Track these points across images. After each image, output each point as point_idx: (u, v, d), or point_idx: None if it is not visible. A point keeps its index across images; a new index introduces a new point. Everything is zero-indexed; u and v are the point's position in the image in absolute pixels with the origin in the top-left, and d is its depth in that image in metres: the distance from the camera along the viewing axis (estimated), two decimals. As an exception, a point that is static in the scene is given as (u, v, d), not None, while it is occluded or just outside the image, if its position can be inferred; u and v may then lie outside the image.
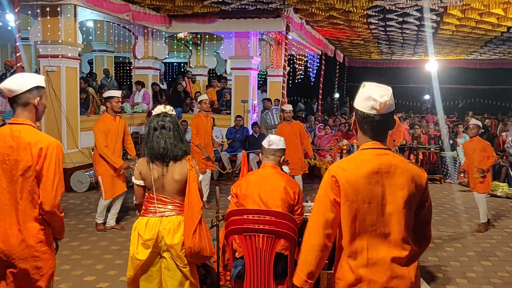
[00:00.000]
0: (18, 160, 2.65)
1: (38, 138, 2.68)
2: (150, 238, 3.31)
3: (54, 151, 2.68)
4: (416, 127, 12.53)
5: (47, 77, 8.90)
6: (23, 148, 2.65)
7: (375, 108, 2.22)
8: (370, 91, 2.26)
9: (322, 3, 9.93)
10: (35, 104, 2.73)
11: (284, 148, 3.90)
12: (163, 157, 3.33)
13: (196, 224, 3.30)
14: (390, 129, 2.33)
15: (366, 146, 2.28)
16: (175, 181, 3.35)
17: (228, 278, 4.03)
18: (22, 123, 2.71)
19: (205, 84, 15.19)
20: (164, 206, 3.38)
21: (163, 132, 3.37)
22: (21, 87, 2.68)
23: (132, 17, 10.02)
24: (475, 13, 10.25)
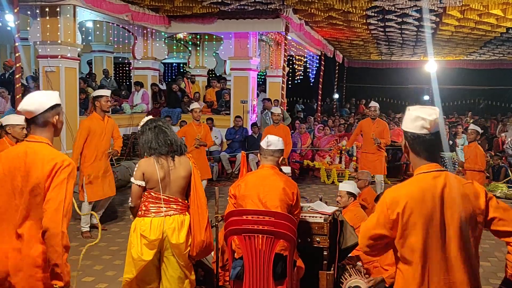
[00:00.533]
0: (28, 178, 2.58)
1: (52, 155, 2.62)
2: (156, 239, 3.38)
3: (67, 169, 2.59)
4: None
5: (46, 78, 8.91)
6: (35, 165, 2.59)
7: (425, 127, 2.25)
8: (417, 112, 2.28)
9: (321, 4, 9.93)
10: (54, 122, 2.73)
11: (282, 148, 3.90)
12: (170, 146, 3.48)
13: (207, 218, 3.49)
14: (442, 149, 2.37)
15: (421, 170, 2.29)
16: (181, 178, 3.47)
17: (227, 278, 4.03)
18: (38, 141, 2.67)
19: (205, 84, 15.20)
20: (168, 205, 3.47)
21: (162, 129, 3.54)
22: (39, 107, 2.66)
23: (131, 17, 10.01)
24: (474, 13, 10.26)
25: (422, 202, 2.20)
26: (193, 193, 3.47)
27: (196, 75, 15.03)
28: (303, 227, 4.01)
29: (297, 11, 10.75)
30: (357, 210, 5.06)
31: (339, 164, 11.29)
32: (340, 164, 11.28)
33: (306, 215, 4.21)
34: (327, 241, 4.13)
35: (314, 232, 4.13)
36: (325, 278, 4.14)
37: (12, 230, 2.61)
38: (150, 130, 3.55)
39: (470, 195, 2.24)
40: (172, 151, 3.51)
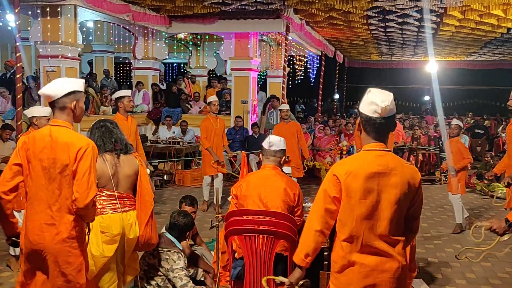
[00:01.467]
0: (56, 159, 2.84)
1: (75, 139, 2.87)
2: (118, 233, 3.51)
3: (90, 152, 2.86)
4: (416, 128, 12.53)
5: (47, 77, 8.92)
6: (61, 148, 2.84)
7: (377, 112, 2.50)
8: (373, 97, 2.52)
9: (322, 4, 9.93)
10: (72, 108, 2.93)
11: (284, 149, 3.90)
12: (115, 144, 3.62)
13: (149, 215, 3.63)
14: (391, 131, 2.60)
15: (369, 147, 2.57)
16: (128, 177, 3.61)
17: (228, 279, 4.03)
18: (60, 125, 2.91)
19: (205, 84, 15.19)
20: (123, 201, 3.60)
21: (108, 128, 3.70)
22: (57, 92, 2.89)
23: (132, 17, 10.01)
24: (475, 14, 10.25)
25: (362, 175, 2.48)
26: (138, 190, 3.62)
27: (196, 75, 15.03)
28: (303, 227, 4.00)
29: (298, 11, 10.75)
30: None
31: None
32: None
33: (307, 215, 4.21)
34: (328, 241, 4.13)
35: (315, 232, 4.13)
36: (326, 278, 4.14)
37: (45, 208, 2.87)
38: (97, 129, 3.70)
39: (409, 174, 2.52)
40: (117, 149, 3.62)
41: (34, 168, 2.89)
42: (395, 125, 2.64)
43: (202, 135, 7.90)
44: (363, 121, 2.57)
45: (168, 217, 4.55)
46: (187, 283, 4.13)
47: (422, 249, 6.27)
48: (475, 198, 9.79)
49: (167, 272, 4.13)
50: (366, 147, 2.58)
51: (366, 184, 2.48)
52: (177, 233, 4.36)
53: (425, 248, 6.38)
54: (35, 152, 2.88)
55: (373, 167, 2.50)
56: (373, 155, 2.54)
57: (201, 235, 5.57)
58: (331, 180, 2.55)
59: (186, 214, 4.48)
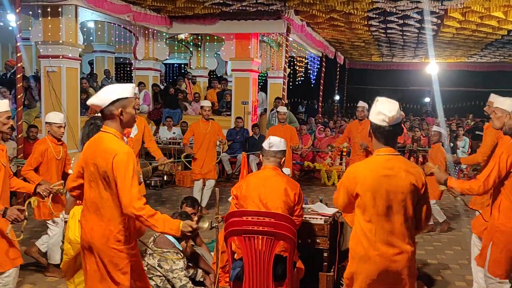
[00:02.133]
0: (97, 164, 2.93)
1: (112, 146, 2.92)
2: None
3: (124, 159, 2.88)
4: (416, 129, 12.53)
5: (47, 78, 8.92)
6: (100, 154, 2.92)
7: (385, 121, 2.79)
8: (380, 107, 2.82)
9: (322, 5, 9.93)
10: (118, 115, 2.97)
11: (285, 149, 3.90)
12: None
13: None
14: (399, 135, 2.93)
15: (379, 152, 2.89)
16: None
17: (227, 279, 4.03)
18: (107, 131, 3.00)
19: (206, 85, 15.20)
20: None
21: (98, 127, 3.73)
22: (103, 102, 2.95)
23: (133, 18, 10.01)
24: (476, 16, 10.25)
25: (371, 178, 2.81)
26: None
27: (197, 76, 15.04)
28: (303, 228, 4.01)
29: (299, 12, 10.75)
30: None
31: (340, 165, 11.28)
32: (341, 165, 11.27)
33: (307, 217, 4.21)
34: (327, 243, 4.14)
35: (315, 234, 4.14)
36: (325, 280, 4.14)
37: (95, 211, 2.99)
38: (87, 126, 3.97)
39: (414, 177, 2.81)
40: None
41: (86, 172, 3.04)
42: (402, 129, 2.93)
43: (187, 133, 8.02)
44: (373, 129, 2.87)
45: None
46: (186, 283, 4.12)
47: (422, 251, 6.26)
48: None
49: (166, 273, 4.13)
50: (377, 152, 2.89)
51: (375, 186, 2.79)
52: (177, 234, 4.35)
53: (424, 250, 6.37)
54: (87, 157, 3.02)
55: (382, 171, 2.81)
56: (383, 159, 2.85)
57: (201, 236, 5.57)
58: (348, 178, 2.92)
59: (187, 215, 4.48)
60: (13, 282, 3.80)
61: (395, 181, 2.78)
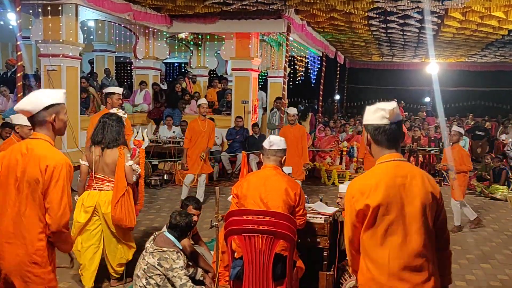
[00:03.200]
0: (25, 173, 2.68)
1: (48, 154, 2.69)
2: (89, 206, 4.47)
3: (63, 170, 2.68)
4: (416, 129, 12.53)
5: (47, 76, 8.91)
6: (33, 162, 2.68)
7: (386, 116, 2.39)
8: (377, 105, 2.43)
9: (323, 5, 9.92)
10: (51, 121, 2.76)
11: (285, 148, 3.90)
12: (99, 143, 4.51)
13: (118, 197, 4.42)
14: (401, 137, 2.48)
15: (384, 159, 2.42)
16: (107, 164, 4.51)
17: (227, 278, 4.03)
18: (38, 137, 2.76)
19: (206, 84, 15.19)
20: (102, 183, 4.54)
21: (105, 125, 4.53)
22: (35, 107, 2.72)
23: (133, 17, 10.00)
24: (476, 15, 10.24)
25: (384, 189, 2.30)
26: (115, 177, 4.47)
27: (197, 75, 15.02)
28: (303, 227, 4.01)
29: (299, 11, 10.74)
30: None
31: (340, 165, 11.28)
32: (341, 165, 11.27)
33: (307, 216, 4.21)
34: (327, 242, 4.14)
35: (315, 233, 4.14)
36: (325, 279, 4.14)
37: (8, 225, 2.70)
38: (99, 123, 4.61)
39: (430, 184, 2.38)
40: (103, 143, 4.51)
41: (6, 181, 2.75)
42: (404, 133, 2.61)
43: (187, 135, 8.08)
44: (371, 133, 2.43)
45: (168, 216, 4.55)
46: (186, 282, 4.12)
47: (422, 250, 6.26)
48: (475, 200, 9.77)
49: (166, 272, 4.13)
50: (381, 159, 2.42)
51: (388, 199, 2.30)
52: (178, 233, 4.35)
53: (424, 249, 6.37)
54: (10, 165, 2.75)
55: (394, 179, 2.33)
56: (391, 166, 2.38)
57: (200, 235, 5.57)
58: (349, 201, 2.40)
59: (187, 214, 4.48)
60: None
61: (411, 190, 2.32)
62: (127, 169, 4.50)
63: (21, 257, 2.66)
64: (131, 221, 4.53)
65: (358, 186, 2.39)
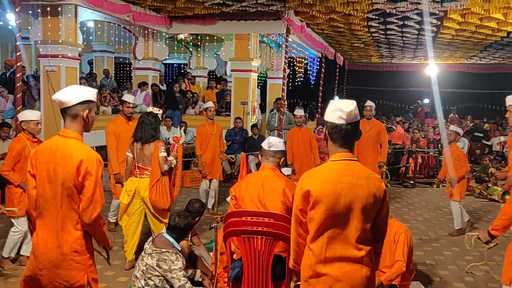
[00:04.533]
0: (57, 170, 2.77)
1: (79, 151, 2.79)
2: (131, 190, 5.31)
3: (94, 166, 2.77)
4: (415, 130, 12.54)
5: (47, 77, 8.91)
6: (64, 160, 2.77)
7: (343, 117, 2.51)
8: (337, 104, 2.55)
9: (322, 6, 9.93)
10: (84, 117, 2.85)
11: (283, 150, 3.90)
12: (139, 140, 5.33)
13: (153, 183, 5.20)
14: (356, 138, 2.62)
15: (335, 158, 2.58)
16: (146, 156, 5.31)
17: (226, 280, 4.03)
18: (69, 136, 2.84)
19: (205, 85, 15.21)
20: (142, 171, 5.36)
21: (143, 124, 5.34)
22: (71, 99, 2.80)
23: (132, 18, 10.01)
24: (475, 17, 10.26)
25: (329, 185, 2.49)
26: (151, 166, 5.25)
27: (196, 76, 15.04)
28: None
29: (299, 13, 10.75)
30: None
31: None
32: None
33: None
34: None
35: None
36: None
37: (50, 220, 2.83)
38: (138, 121, 5.43)
39: (374, 185, 2.53)
40: (142, 139, 5.31)
41: (39, 179, 2.85)
42: (361, 133, 2.65)
43: (197, 141, 7.89)
44: (329, 130, 2.57)
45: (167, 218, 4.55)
46: (185, 283, 4.12)
47: (420, 252, 6.27)
48: (473, 201, 9.79)
49: (165, 273, 4.13)
50: (333, 157, 2.59)
51: (333, 195, 2.47)
52: (176, 234, 4.36)
53: (423, 250, 6.38)
54: (41, 163, 2.84)
55: (340, 178, 2.50)
56: (340, 165, 2.54)
57: (199, 236, 5.57)
58: (298, 193, 2.58)
59: (186, 216, 4.48)
60: None
61: (356, 190, 2.49)
62: (160, 159, 5.19)
63: (62, 249, 2.79)
64: (165, 204, 5.23)
65: (308, 178, 2.57)
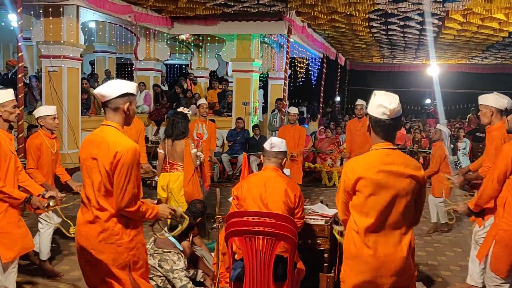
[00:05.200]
0: (98, 158, 2.85)
1: (117, 140, 2.85)
2: (163, 184, 5.86)
3: (129, 155, 2.82)
4: (417, 131, 12.53)
5: (48, 77, 8.93)
6: (103, 148, 2.84)
7: (386, 113, 2.68)
8: (380, 99, 2.71)
9: (324, 7, 9.93)
10: (124, 109, 2.93)
11: (285, 151, 3.90)
12: (170, 136, 5.81)
13: (189, 177, 5.75)
14: (398, 130, 2.86)
15: (378, 146, 2.78)
16: (176, 152, 5.80)
17: (228, 280, 4.02)
18: (110, 125, 2.93)
19: (206, 86, 15.21)
20: (172, 166, 5.85)
21: (173, 123, 5.84)
22: (111, 93, 2.89)
23: (134, 18, 10.02)
24: (477, 18, 10.25)
25: (372, 172, 2.69)
26: (184, 161, 5.76)
27: (198, 76, 15.03)
28: (304, 229, 4.00)
29: (300, 13, 10.75)
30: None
31: (341, 166, 11.27)
32: (342, 166, 11.26)
33: (307, 217, 4.21)
34: (328, 243, 4.13)
35: (315, 234, 4.13)
36: (326, 281, 4.14)
37: (90, 205, 2.94)
38: (169, 120, 6.05)
39: (413, 170, 2.72)
40: (173, 136, 5.80)
41: (83, 165, 2.97)
42: (401, 125, 2.79)
43: None
44: (372, 123, 2.76)
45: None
46: (186, 284, 4.12)
47: (423, 252, 6.26)
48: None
49: (167, 273, 4.13)
50: (376, 146, 2.78)
51: (376, 181, 2.68)
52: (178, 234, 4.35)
53: (425, 251, 6.37)
54: (87, 150, 2.95)
55: (382, 165, 2.70)
56: (383, 154, 2.74)
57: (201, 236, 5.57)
58: (346, 174, 2.78)
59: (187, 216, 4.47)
60: None
61: (396, 176, 2.68)
62: (193, 155, 5.75)
63: (102, 233, 2.88)
64: (199, 195, 5.83)
65: (352, 164, 2.81)
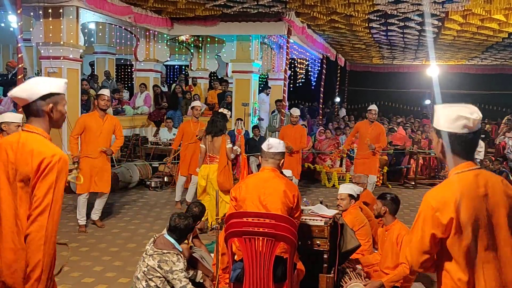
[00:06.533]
0: (17, 169, 2.39)
1: (41, 148, 2.39)
2: (204, 175, 6.80)
3: (56, 165, 2.36)
4: (418, 132, 12.53)
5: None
6: (25, 157, 2.38)
7: (468, 126, 2.22)
8: (458, 111, 2.24)
9: (323, 7, 9.94)
10: (48, 111, 2.47)
11: (283, 151, 3.89)
12: (210, 133, 6.76)
13: (221, 169, 6.62)
14: (477, 146, 2.33)
15: (459, 169, 2.25)
16: (215, 147, 6.74)
17: (227, 281, 4.02)
18: (32, 131, 2.47)
19: (206, 87, 15.22)
20: (211, 159, 6.80)
21: (214, 121, 6.80)
22: (31, 94, 2.44)
23: (134, 19, 10.03)
24: (477, 18, 10.26)
25: (469, 201, 2.15)
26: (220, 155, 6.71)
27: (197, 77, 15.05)
28: (303, 230, 4.01)
29: (300, 14, 10.76)
30: (357, 213, 5.07)
31: (340, 167, 11.28)
32: (341, 167, 11.27)
33: (307, 218, 4.21)
34: (328, 244, 4.13)
35: (315, 235, 4.13)
36: (325, 281, 4.14)
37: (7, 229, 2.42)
38: (210, 119, 6.95)
39: (507, 188, 2.25)
40: (212, 133, 6.76)
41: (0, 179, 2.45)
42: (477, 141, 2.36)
43: (176, 137, 8.33)
44: (451, 141, 2.25)
45: (168, 218, 4.55)
46: (186, 285, 4.12)
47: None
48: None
49: (166, 274, 4.13)
50: (458, 169, 2.25)
51: (474, 211, 2.15)
52: (178, 236, 4.36)
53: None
54: (1, 160, 2.44)
55: (476, 190, 2.19)
56: (471, 176, 2.23)
57: (200, 237, 5.57)
58: (430, 216, 2.19)
59: (186, 217, 4.48)
60: None
61: (494, 198, 2.19)
62: (228, 150, 6.64)
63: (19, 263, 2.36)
64: (231, 185, 6.26)
65: (440, 197, 2.19)
